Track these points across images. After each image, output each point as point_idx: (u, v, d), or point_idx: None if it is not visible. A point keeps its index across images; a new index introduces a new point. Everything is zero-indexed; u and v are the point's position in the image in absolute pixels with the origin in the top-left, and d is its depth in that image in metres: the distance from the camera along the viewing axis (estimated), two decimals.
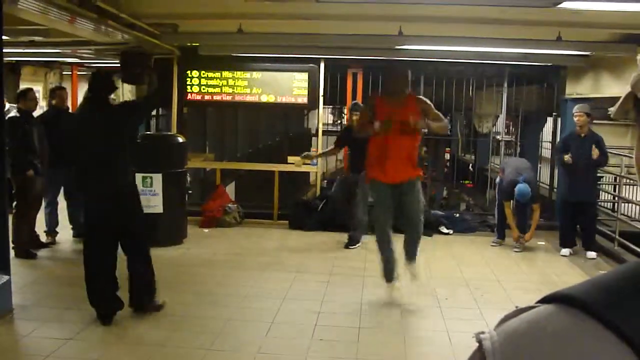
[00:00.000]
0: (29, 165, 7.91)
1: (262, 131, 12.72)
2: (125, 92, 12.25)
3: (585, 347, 0.71)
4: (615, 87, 9.36)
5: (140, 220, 6.31)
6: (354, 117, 9.21)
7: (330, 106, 14.00)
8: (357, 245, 9.37)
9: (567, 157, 8.91)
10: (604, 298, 0.76)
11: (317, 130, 11.61)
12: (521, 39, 8.91)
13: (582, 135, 8.95)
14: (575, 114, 9.02)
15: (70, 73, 15.45)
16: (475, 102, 12.43)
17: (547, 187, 12.31)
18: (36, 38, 9.15)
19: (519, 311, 0.84)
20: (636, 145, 1.02)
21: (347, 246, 9.37)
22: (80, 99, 13.46)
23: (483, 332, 0.83)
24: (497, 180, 9.95)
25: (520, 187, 9.05)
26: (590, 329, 0.72)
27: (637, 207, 10.23)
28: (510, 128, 14.25)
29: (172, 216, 9.02)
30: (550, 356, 0.72)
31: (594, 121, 9.34)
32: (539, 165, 13.16)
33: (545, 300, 0.85)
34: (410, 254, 6.85)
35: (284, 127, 12.70)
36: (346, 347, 5.60)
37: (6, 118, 7.59)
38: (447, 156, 16.28)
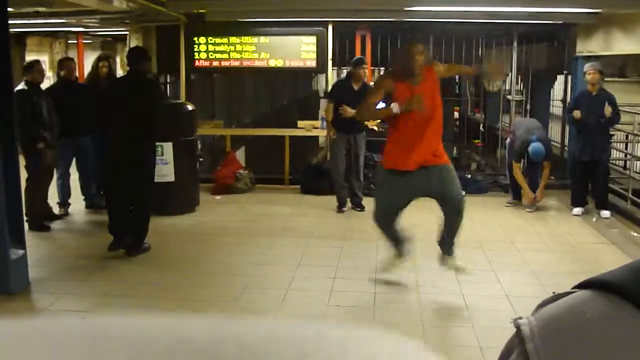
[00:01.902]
0: (39, 138, 7.89)
1: (271, 96, 12.66)
2: None
3: (624, 332, 0.72)
4: (626, 44, 9.26)
5: (145, 175, 7.23)
6: (361, 71, 9.08)
7: (338, 69, 13.88)
8: (347, 207, 9.39)
9: (576, 113, 8.85)
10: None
11: (325, 93, 11.54)
12: None
13: (594, 93, 8.88)
14: (587, 71, 8.93)
15: (75, 42, 15.42)
16: (485, 61, 12.32)
17: (559, 145, 12.26)
18: (40, 9, 9.10)
19: (557, 297, 0.84)
20: None
21: (340, 209, 9.41)
22: (86, 68, 13.43)
23: (521, 318, 0.83)
24: (507, 141, 9.91)
25: (535, 145, 9.01)
26: (628, 314, 0.73)
27: None
28: (521, 86, 14.16)
29: (183, 184, 9.01)
30: (590, 341, 0.72)
31: (605, 79, 9.27)
32: (550, 124, 13.09)
33: (582, 286, 0.85)
34: (448, 244, 6.16)
35: (293, 91, 12.64)
36: (362, 313, 5.63)
37: (14, 91, 7.56)
38: (456, 115, 16.17)
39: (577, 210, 9.24)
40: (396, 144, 5.94)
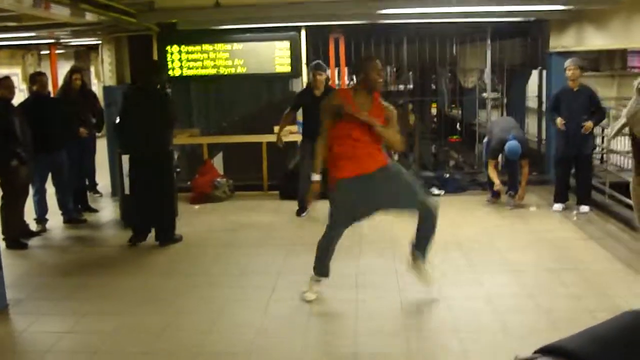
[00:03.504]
0: (13, 155, 7.80)
1: (246, 102, 12.62)
2: None
3: None
4: (598, 39, 9.29)
5: (167, 178, 8.18)
6: (318, 77, 9.07)
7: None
8: (306, 212, 9.34)
9: (559, 123, 8.88)
10: (596, 352, 0.78)
11: None
12: None
13: (575, 89, 8.92)
14: (567, 67, 8.95)
15: (48, 52, 15.25)
16: (459, 58, 12.36)
17: (536, 139, 12.32)
18: (9, 23, 9.01)
19: None
20: (633, 178, 1.00)
21: (298, 214, 9.40)
22: (60, 79, 13.33)
23: None
24: (485, 140, 9.94)
25: (511, 144, 9.03)
26: None
27: (626, 158, 10.24)
28: (496, 82, 14.22)
29: None
30: None
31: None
32: (526, 120, 13.16)
33: (543, 351, 0.87)
34: (421, 247, 6.03)
35: (268, 96, 12.60)
36: (344, 321, 5.61)
37: None
38: (434, 111, 16.22)
39: (558, 206, 9.27)
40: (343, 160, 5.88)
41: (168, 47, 10.80)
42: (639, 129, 6.24)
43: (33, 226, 8.80)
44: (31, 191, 8.69)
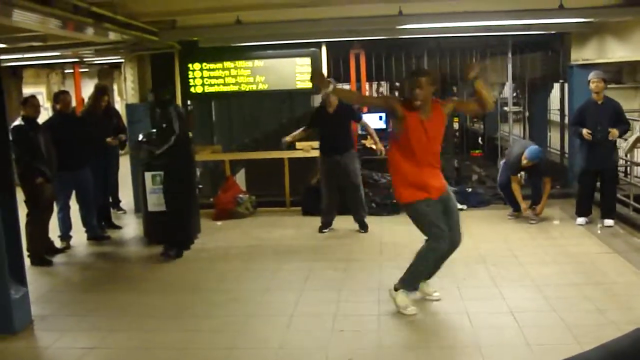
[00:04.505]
0: (38, 173, 7.89)
1: (268, 118, 12.68)
2: None
3: None
4: (620, 51, 9.25)
5: (178, 192, 8.41)
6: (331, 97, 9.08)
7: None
8: (329, 229, 9.41)
9: (586, 134, 8.80)
10: None
11: None
12: (523, 10, 8.80)
13: (600, 102, 8.84)
14: (591, 80, 8.85)
15: (72, 71, 15.44)
16: (480, 71, 12.31)
17: (558, 153, 12.25)
18: (34, 43, 9.13)
19: None
20: None
21: (321, 230, 9.41)
22: (84, 97, 13.47)
23: None
24: (502, 162, 9.93)
25: (531, 148, 9.26)
26: None
27: None
28: (518, 96, 14.16)
29: None
30: None
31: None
32: (549, 133, 13.10)
33: None
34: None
35: (290, 112, 12.65)
36: (367, 336, 5.59)
37: (11, 127, 7.58)
38: (456, 125, 16.18)
39: (581, 220, 9.18)
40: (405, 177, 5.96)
41: (190, 65, 10.90)
42: None
43: (57, 243, 8.87)
44: (55, 208, 8.77)
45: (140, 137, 9.10)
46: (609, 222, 8.98)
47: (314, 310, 6.23)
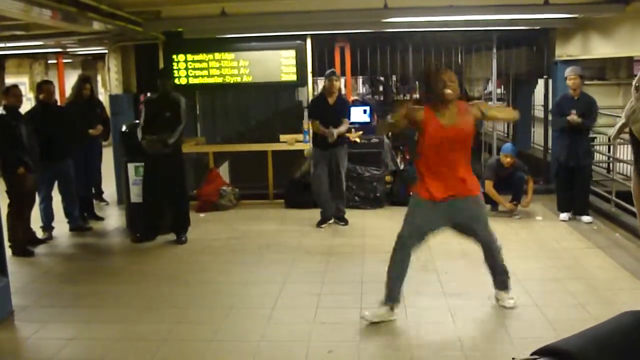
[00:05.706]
0: (20, 163, 7.84)
1: (252, 110, 12.63)
2: None
3: None
4: (604, 48, 9.29)
5: (178, 176, 8.62)
6: (335, 82, 9.07)
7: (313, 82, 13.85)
8: (328, 223, 9.38)
9: (574, 117, 8.79)
10: (593, 353, 0.78)
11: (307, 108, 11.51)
12: (508, 5, 8.82)
13: (576, 97, 8.91)
14: (568, 76, 8.95)
15: (55, 62, 15.33)
16: (465, 67, 12.36)
17: (541, 148, 12.30)
18: (17, 32, 9.06)
19: None
20: (633, 181, 0.99)
21: (319, 225, 9.35)
22: (67, 88, 13.39)
23: None
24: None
25: (505, 145, 9.64)
26: None
27: (632, 166, 10.19)
28: (502, 91, 14.20)
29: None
30: None
31: (585, 82, 9.30)
32: (532, 128, 13.14)
33: (540, 353, 0.87)
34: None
35: (274, 105, 12.61)
36: (348, 329, 5.59)
37: None
38: None
39: (564, 215, 9.24)
40: (428, 172, 5.69)
41: (174, 56, 10.82)
42: (637, 127, 6.24)
43: (39, 234, 8.82)
44: (38, 199, 8.72)
45: (124, 128, 9.05)
46: (586, 218, 9.07)
47: (295, 303, 6.24)
